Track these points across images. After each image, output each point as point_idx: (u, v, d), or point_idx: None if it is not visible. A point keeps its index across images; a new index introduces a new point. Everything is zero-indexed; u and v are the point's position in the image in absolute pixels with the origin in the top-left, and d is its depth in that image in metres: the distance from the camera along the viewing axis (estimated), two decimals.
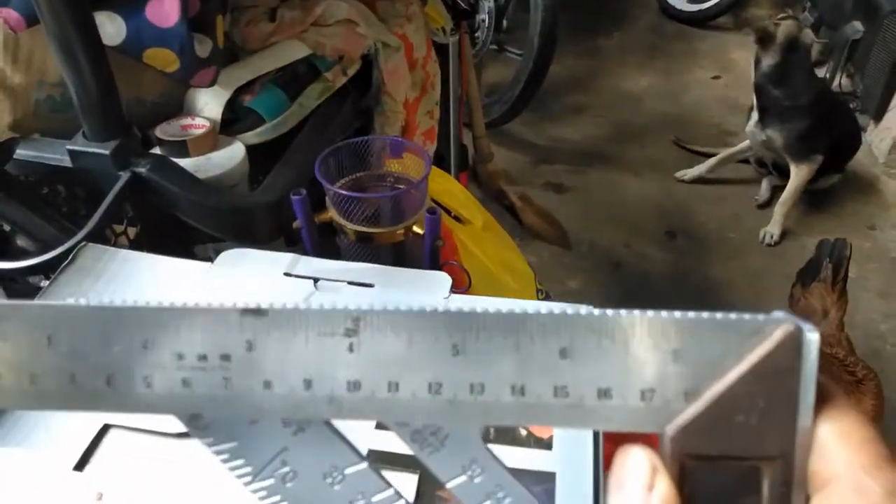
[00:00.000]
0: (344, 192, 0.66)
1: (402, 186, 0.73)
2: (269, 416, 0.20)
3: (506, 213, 1.84)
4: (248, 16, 0.79)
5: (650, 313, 0.18)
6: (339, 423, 0.21)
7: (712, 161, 2.06)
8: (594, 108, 2.40)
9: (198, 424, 0.20)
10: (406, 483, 0.38)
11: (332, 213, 0.69)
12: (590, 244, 1.82)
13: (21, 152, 0.63)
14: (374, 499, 0.21)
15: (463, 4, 1.50)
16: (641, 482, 0.18)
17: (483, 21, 2.13)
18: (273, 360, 0.19)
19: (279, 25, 0.78)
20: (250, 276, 0.52)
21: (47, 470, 0.40)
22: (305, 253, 0.61)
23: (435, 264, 0.69)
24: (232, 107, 0.76)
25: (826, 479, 0.18)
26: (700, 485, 0.19)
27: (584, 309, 0.19)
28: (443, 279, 0.53)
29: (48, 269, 0.57)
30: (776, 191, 2.01)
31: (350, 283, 0.52)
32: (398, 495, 0.21)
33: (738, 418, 0.18)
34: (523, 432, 0.42)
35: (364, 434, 0.41)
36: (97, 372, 0.19)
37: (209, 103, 0.74)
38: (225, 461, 0.21)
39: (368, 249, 0.72)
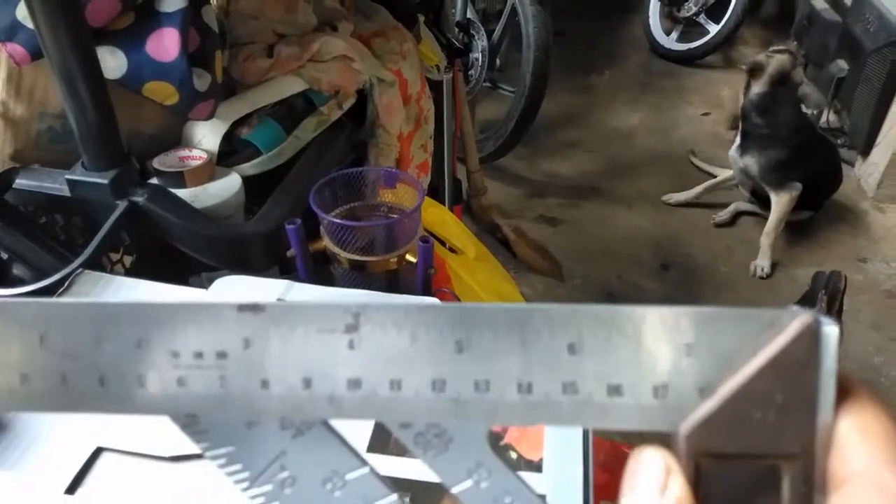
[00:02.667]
0: (338, 220, 0.67)
1: (395, 216, 0.75)
2: (267, 416, 0.19)
3: (500, 245, 1.85)
4: (247, 52, 0.81)
5: (662, 307, 0.18)
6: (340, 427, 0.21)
7: (699, 188, 2.10)
8: (586, 143, 2.44)
9: (194, 428, 0.20)
10: None
11: (327, 242, 0.70)
12: (583, 276, 1.84)
13: (20, 182, 0.64)
14: None
15: (457, 43, 1.53)
16: (655, 483, 0.17)
17: (477, 59, 2.17)
18: (271, 358, 0.18)
19: (277, 61, 0.80)
20: None
21: (39, 494, 0.40)
22: (300, 281, 0.62)
23: (427, 292, 0.70)
24: (229, 139, 0.78)
25: (845, 476, 0.17)
26: (716, 485, 0.18)
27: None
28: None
29: (45, 296, 0.57)
30: (743, 216, 2.07)
31: None
32: (401, 501, 0.21)
33: (756, 414, 0.17)
34: (514, 455, 0.42)
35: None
36: (90, 372, 0.18)
37: (207, 135, 0.75)
38: (221, 466, 0.20)
39: (362, 278, 0.72)
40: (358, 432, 0.43)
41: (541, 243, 1.88)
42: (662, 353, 0.18)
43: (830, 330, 0.17)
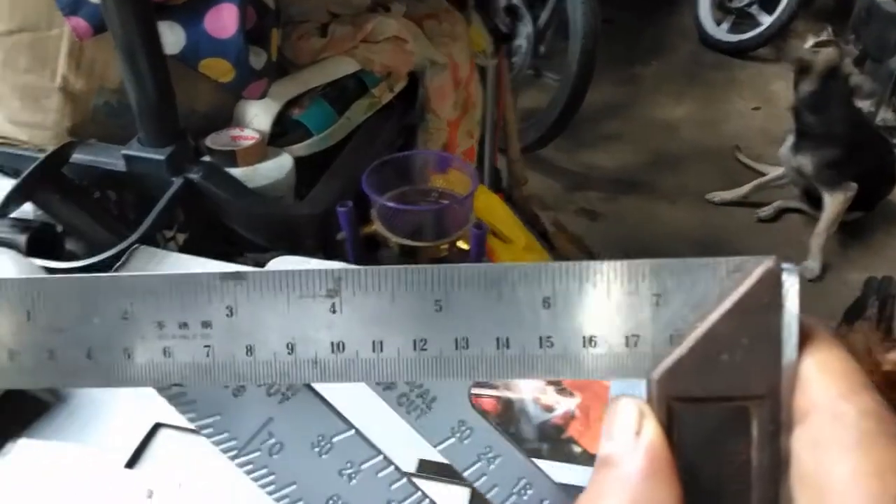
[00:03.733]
0: (391, 203, 0.66)
1: (445, 201, 0.73)
2: (253, 382, 0.19)
3: (538, 237, 1.83)
4: (300, 31, 0.80)
5: (632, 260, 0.19)
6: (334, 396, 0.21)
7: (747, 187, 2.04)
8: (630, 135, 2.39)
9: (181, 399, 0.20)
10: (458, 498, 0.37)
11: (377, 226, 0.69)
12: None
13: (77, 156, 0.64)
14: (364, 466, 0.21)
15: (503, 28, 1.51)
16: (629, 427, 0.18)
17: (520, 46, 2.14)
18: (255, 325, 0.19)
19: (330, 41, 0.79)
20: None
21: (99, 466, 0.40)
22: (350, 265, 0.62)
23: None
24: (280, 119, 0.77)
25: (806, 410, 0.18)
26: (688, 427, 0.18)
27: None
28: None
29: (100, 271, 0.58)
30: (789, 213, 2.00)
31: None
32: (387, 462, 0.21)
33: (723, 357, 0.18)
34: (577, 449, 0.41)
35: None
36: (77, 345, 0.19)
37: (259, 115, 0.75)
38: (209, 436, 0.20)
39: (411, 263, 0.72)
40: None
41: (580, 237, 1.85)
42: (633, 303, 0.18)
43: (792, 273, 0.18)
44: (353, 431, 0.21)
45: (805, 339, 0.18)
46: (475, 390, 0.44)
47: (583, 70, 1.93)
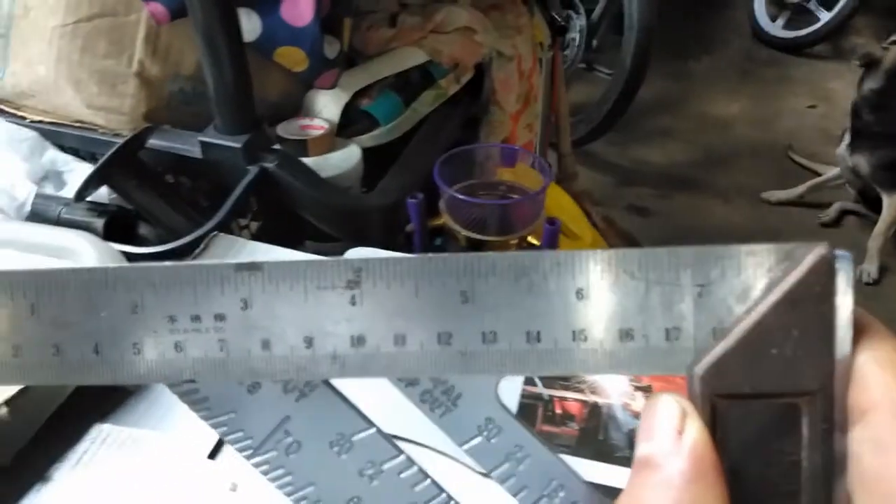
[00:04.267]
0: (463, 196, 0.65)
1: (514, 196, 0.72)
2: (269, 378, 0.18)
3: None
4: (370, 21, 0.80)
5: (670, 247, 0.17)
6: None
7: (802, 188, 1.99)
8: (681, 131, 2.34)
9: (193, 396, 0.19)
10: None
11: (446, 218, 0.68)
12: None
13: (152, 141, 0.65)
14: (385, 467, 0.20)
15: (560, 20, 1.48)
16: (671, 427, 0.16)
17: (573, 39, 2.11)
18: (271, 318, 0.17)
19: (400, 31, 0.79)
20: None
21: (182, 456, 0.40)
22: None
23: None
24: (347, 110, 0.77)
25: (865, 408, 0.16)
26: (734, 426, 0.17)
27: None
28: None
29: (176, 257, 0.58)
30: (849, 216, 1.94)
31: None
32: (410, 462, 0.20)
33: (772, 351, 0.17)
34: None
35: None
36: (84, 340, 0.18)
37: (328, 105, 0.74)
38: (223, 434, 0.19)
39: None
40: None
41: (630, 233, 1.82)
42: (673, 294, 0.17)
43: (846, 259, 0.17)
44: (374, 430, 0.20)
45: (859, 332, 0.17)
46: (557, 392, 0.43)
47: (637, 64, 1.89)
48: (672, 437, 0.16)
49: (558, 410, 0.42)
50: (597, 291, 0.17)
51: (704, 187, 2.09)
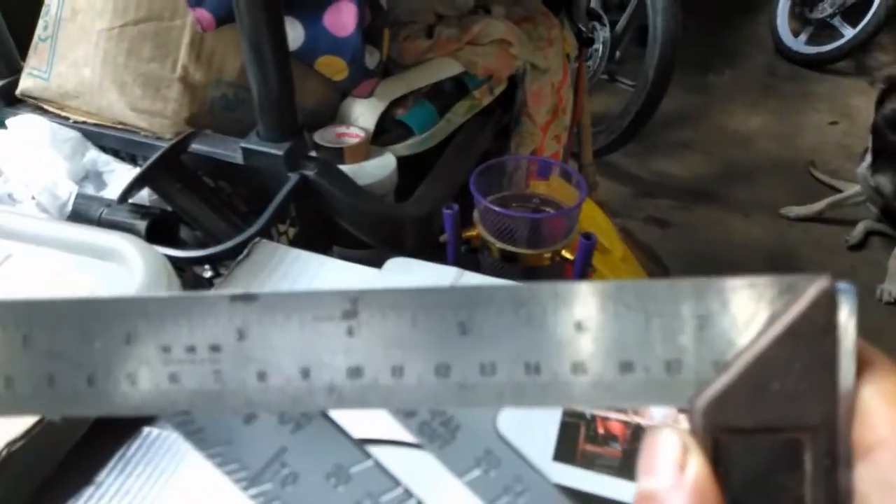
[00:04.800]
0: (499, 208, 0.65)
1: (547, 209, 0.72)
2: (265, 410, 0.18)
3: None
4: (407, 31, 0.80)
5: (672, 279, 0.17)
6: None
7: (822, 204, 1.98)
8: (701, 144, 2.34)
9: (188, 427, 0.19)
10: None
11: (480, 230, 0.69)
12: None
13: (194, 146, 0.66)
14: (383, 499, 0.20)
15: (586, 32, 1.49)
16: (672, 462, 0.16)
17: (596, 50, 2.11)
18: (267, 349, 0.17)
19: (436, 42, 0.79)
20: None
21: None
22: None
23: None
24: (381, 119, 0.77)
25: (870, 445, 0.16)
26: (736, 461, 0.17)
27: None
28: None
29: (217, 261, 0.59)
30: (873, 236, 1.92)
31: None
32: (408, 494, 0.20)
33: (774, 385, 0.17)
34: None
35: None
36: (77, 371, 0.18)
37: (364, 114, 0.75)
38: (219, 465, 0.19)
39: (509, 270, 0.71)
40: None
41: (648, 245, 1.82)
42: (674, 326, 0.17)
43: (849, 292, 0.17)
44: (371, 462, 0.20)
45: (863, 365, 0.17)
46: (600, 411, 0.43)
47: (660, 76, 1.89)
48: (674, 471, 0.16)
49: (601, 430, 0.42)
50: (596, 323, 0.17)
51: (724, 201, 2.08)
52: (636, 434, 0.42)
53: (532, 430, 0.42)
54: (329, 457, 0.19)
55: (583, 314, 0.17)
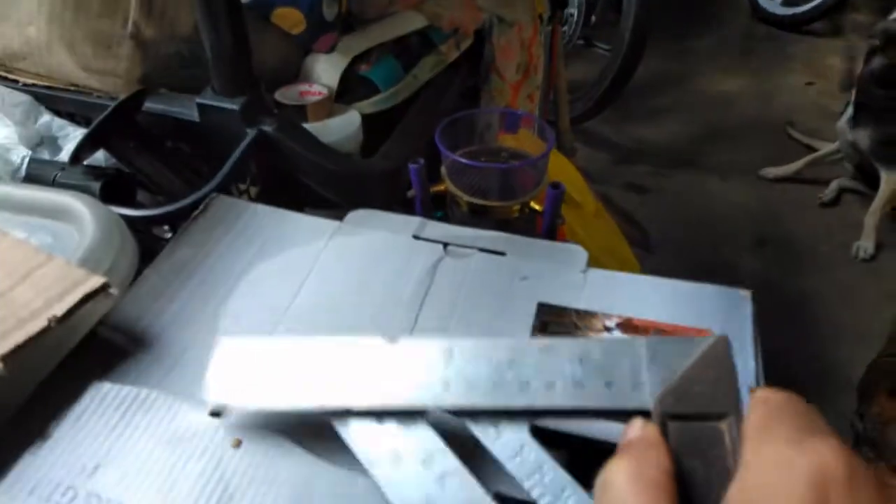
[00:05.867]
0: (466, 160, 0.64)
1: (516, 162, 0.71)
2: None
3: None
4: None
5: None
6: None
7: (800, 163, 1.98)
8: (680, 109, 2.33)
9: None
10: None
11: (448, 184, 0.67)
12: (672, 248, 1.76)
13: (149, 105, 0.63)
14: None
15: None
16: (638, 426, 0.28)
17: (572, 15, 2.09)
18: None
19: None
20: (379, 236, 0.51)
21: (183, 414, 0.39)
22: None
23: (552, 239, 0.67)
24: (346, 76, 0.75)
25: (743, 435, 0.25)
26: (680, 438, 0.27)
27: None
28: (578, 252, 0.50)
29: (175, 220, 0.57)
30: (847, 193, 1.94)
31: (481, 249, 0.51)
32: None
33: (698, 387, 0.28)
34: None
35: None
36: None
37: (327, 70, 0.73)
38: None
39: (478, 223, 0.70)
40: None
41: (628, 211, 1.82)
42: (637, 364, 0.32)
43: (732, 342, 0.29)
44: None
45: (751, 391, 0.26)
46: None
47: (636, 40, 1.87)
48: (638, 428, 0.27)
49: None
50: (595, 361, 0.33)
51: (702, 165, 2.08)
52: None
53: None
54: None
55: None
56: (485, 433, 0.32)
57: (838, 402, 1.31)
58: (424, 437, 0.33)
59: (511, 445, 0.31)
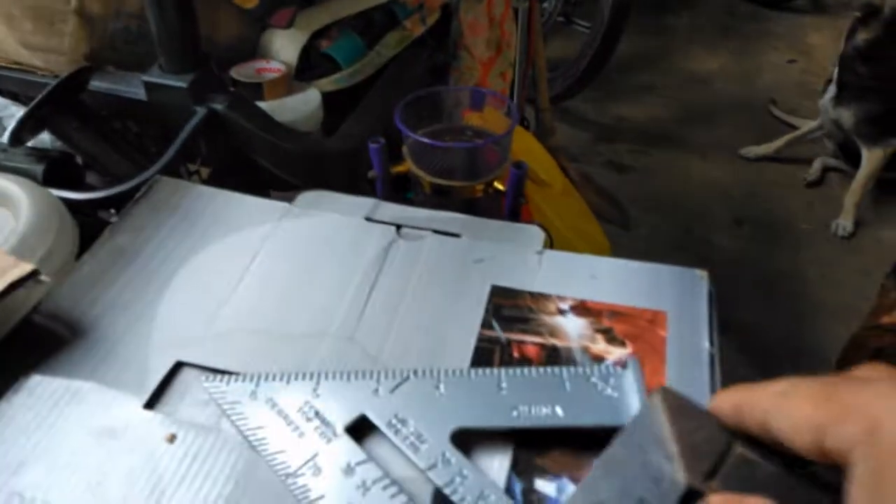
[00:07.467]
0: (426, 139, 0.62)
1: (481, 141, 0.69)
2: None
3: None
4: None
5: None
6: None
7: (780, 142, 1.97)
8: (660, 87, 2.31)
9: None
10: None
11: (410, 164, 0.65)
12: (651, 227, 1.76)
13: (95, 83, 0.61)
14: None
15: None
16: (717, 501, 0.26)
17: None
18: None
19: None
20: (330, 218, 0.49)
21: (117, 407, 0.37)
22: None
23: (515, 220, 0.65)
24: (306, 53, 0.73)
25: None
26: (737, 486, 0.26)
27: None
28: (535, 232, 0.49)
29: (120, 203, 0.55)
30: (829, 172, 1.94)
31: (435, 231, 0.49)
32: None
33: (699, 442, 0.28)
34: None
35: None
36: None
37: (285, 46, 0.71)
38: None
39: (442, 204, 0.68)
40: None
41: (608, 190, 1.80)
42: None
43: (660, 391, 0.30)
44: None
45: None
46: (515, 335, 0.41)
47: (616, 17, 1.85)
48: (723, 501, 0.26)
49: (516, 354, 0.40)
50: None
51: (683, 143, 2.07)
52: (551, 357, 0.40)
53: (446, 354, 0.39)
54: None
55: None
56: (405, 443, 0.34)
57: None
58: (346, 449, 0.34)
59: (432, 454, 0.33)
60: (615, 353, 0.40)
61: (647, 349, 0.40)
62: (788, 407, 0.25)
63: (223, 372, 0.39)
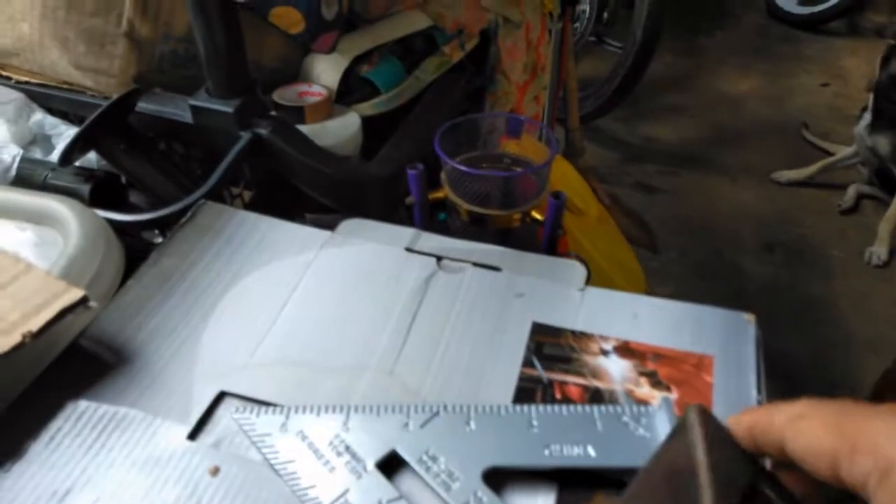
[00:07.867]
0: (465, 168, 0.62)
1: (519, 169, 0.69)
2: None
3: None
4: None
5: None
6: None
7: (814, 168, 1.95)
8: (691, 108, 2.30)
9: None
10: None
11: (447, 191, 0.65)
12: (680, 250, 1.74)
13: (142, 105, 0.62)
14: None
15: None
16: None
17: (584, 12, 2.06)
18: None
19: None
20: (371, 248, 0.49)
21: (161, 437, 0.38)
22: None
23: (552, 253, 0.65)
24: (346, 77, 0.73)
25: None
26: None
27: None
28: (576, 269, 0.48)
29: (164, 225, 0.55)
30: (864, 199, 1.91)
31: (475, 264, 0.49)
32: None
33: (730, 467, 0.28)
34: None
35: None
36: None
37: (327, 70, 0.71)
38: None
39: (478, 233, 0.68)
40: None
41: (636, 211, 1.79)
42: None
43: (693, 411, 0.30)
44: None
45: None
46: (557, 375, 0.41)
47: (648, 38, 1.85)
48: None
49: (558, 395, 0.39)
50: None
51: (713, 165, 2.05)
52: (594, 398, 0.39)
53: (488, 392, 0.39)
54: None
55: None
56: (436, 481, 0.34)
57: None
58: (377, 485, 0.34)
59: (464, 493, 0.33)
60: (659, 398, 0.39)
61: (693, 395, 0.39)
62: (804, 432, 0.25)
63: (266, 403, 0.39)
